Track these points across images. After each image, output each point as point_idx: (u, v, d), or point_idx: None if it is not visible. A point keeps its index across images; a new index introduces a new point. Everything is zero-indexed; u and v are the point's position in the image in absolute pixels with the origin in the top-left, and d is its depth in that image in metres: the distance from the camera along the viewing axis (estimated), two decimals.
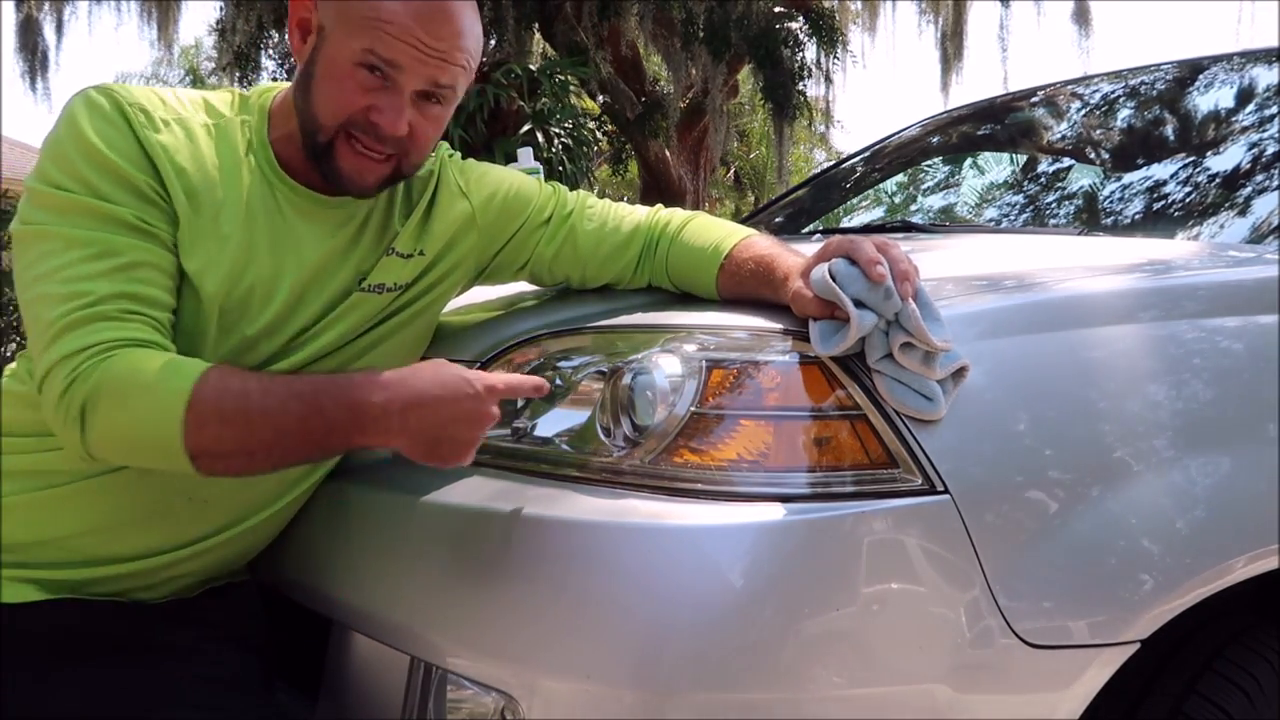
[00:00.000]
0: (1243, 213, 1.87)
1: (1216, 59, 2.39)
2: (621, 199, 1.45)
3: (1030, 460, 1.10)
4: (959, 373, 1.08)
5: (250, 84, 9.46)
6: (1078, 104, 2.65)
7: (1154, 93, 2.50)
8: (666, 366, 1.13)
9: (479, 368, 1.29)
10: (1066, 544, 1.08)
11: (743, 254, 1.29)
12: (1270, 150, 1.96)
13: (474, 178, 1.39)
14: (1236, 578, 1.16)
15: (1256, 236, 1.72)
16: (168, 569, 1.24)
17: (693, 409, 1.10)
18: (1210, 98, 2.35)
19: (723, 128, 10.35)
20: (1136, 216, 2.05)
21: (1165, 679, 1.19)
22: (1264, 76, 2.22)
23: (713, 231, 1.36)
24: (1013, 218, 2.39)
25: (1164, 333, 1.26)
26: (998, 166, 2.69)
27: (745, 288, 1.28)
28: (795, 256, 1.23)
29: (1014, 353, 1.17)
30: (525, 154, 2.71)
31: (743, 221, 3.07)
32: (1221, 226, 1.86)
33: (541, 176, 2.51)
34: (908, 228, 2.17)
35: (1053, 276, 1.30)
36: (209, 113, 1.24)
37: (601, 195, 1.57)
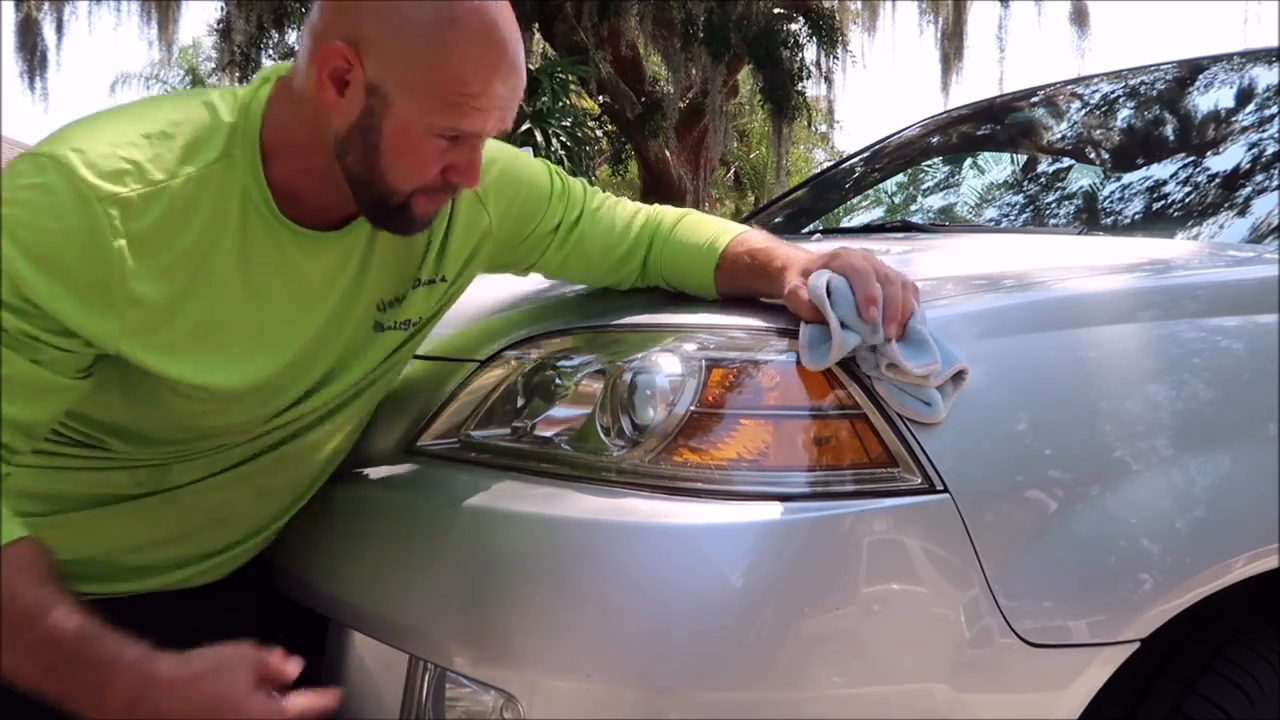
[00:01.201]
0: (1242, 213, 1.87)
1: (1216, 59, 2.39)
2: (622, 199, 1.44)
3: (1030, 459, 1.10)
4: (959, 375, 1.08)
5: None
6: (1078, 104, 2.65)
7: (1154, 93, 2.51)
8: (666, 366, 1.13)
9: (480, 366, 1.29)
10: (1066, 543, 1.08)
11: (739, 248, 1.27)
12: (1270, 150, 1.96)
13: (493, 184, 1.30)
14: (1236, 577, 1.16)
15: (1256, 237, 1.72)
16: (184, 578, 1.26)
17: (692, 408, 1.10)
18: (1210, 98, 2.35)
19: (722, 128, 10.36)
20: (1136, 216, 2.05)
21: (1165, 679, 1.19)
22: (1264, 76, 2.22)
23: (706, 228, 1.34)
24: (1013, 217, 2.39)
25: (1164, 332, 1.26)
26: (998, 166, 2.69)
27: (741, 282, 1.26)
28: (793, 250, 1.22)
29: (1014, 352, 1.17)
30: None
31: (742, 222, 3.07)
32: (1221, 227, 1.87)
33: None
34: (907, 227, 2.17)
35: (1053, 276, 1.30)
36: (190, 157, 1.07)
37: None
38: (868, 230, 2.44)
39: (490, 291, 1.53)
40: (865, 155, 3.03)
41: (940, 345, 1.08)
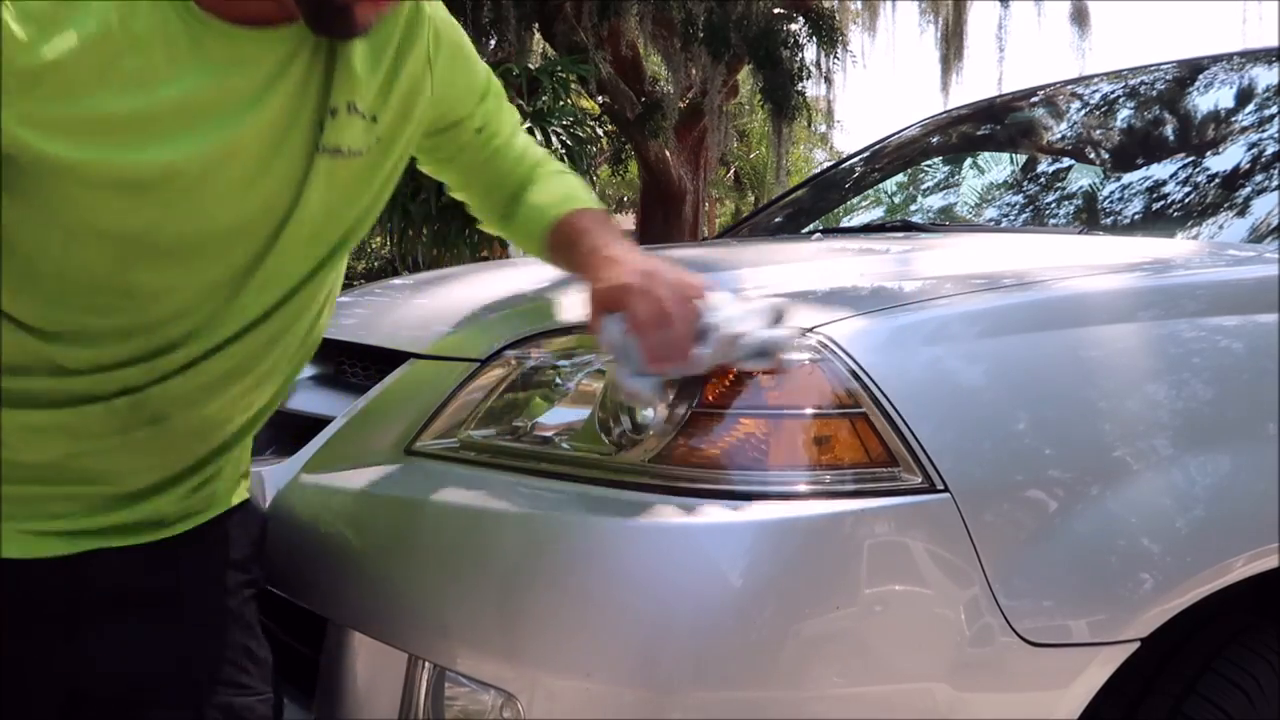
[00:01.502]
0: (1242, 213, 1.87)
1: (1216, 59, 2.39)
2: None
3: (1030, 459, 1.10)
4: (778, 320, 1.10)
5: None
6: (1078, 104, 2.65)
7: (1154, 93, 2.51)
8: None
9: (480, 366, 1.29)
10: (1066, 543, 1.08)
11: (568, 222, 1.29)
12: (1270, 150, 1.96)
13: (444, 48, 1.23)
14: (1236, 577, 1.16)
15: (1256, 237, 1.72)
16: (180, 501, 1.21)
17: (693, 408, 1.10)
18: (1210, 98, 2.35)
19: (722, 128, 10.35)
20: (1136, 216, 2.05)
21: (1165, 679, 1.19)
22: (1264, 76, 2.22)
23: (557, 189, 1.35)
24: (1013, 217, 2.39)
25: (1164, 332, 1.25)
26: (998, 166, 2.69)
27: (559, 259, 1.30)
28: (603, 250, 1.20)
29: (1014, 352, 1.16)
30: None
31: (742, 222, 3.07)
32: (1221, 227, 1.86)
33: None
34: (908, 227, 2.17)
35: (1053, 275, 1.30)
36: None
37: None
38: (868, 230, 2.44)
39: (490, 291, 1.53)
40: (865, 155, 3.03)
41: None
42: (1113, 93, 2.58)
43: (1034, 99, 2.72)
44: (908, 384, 1.09)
